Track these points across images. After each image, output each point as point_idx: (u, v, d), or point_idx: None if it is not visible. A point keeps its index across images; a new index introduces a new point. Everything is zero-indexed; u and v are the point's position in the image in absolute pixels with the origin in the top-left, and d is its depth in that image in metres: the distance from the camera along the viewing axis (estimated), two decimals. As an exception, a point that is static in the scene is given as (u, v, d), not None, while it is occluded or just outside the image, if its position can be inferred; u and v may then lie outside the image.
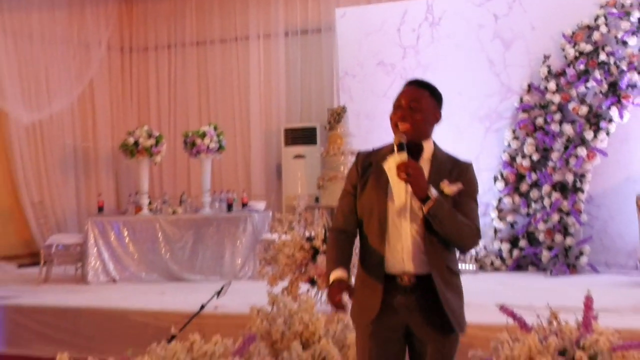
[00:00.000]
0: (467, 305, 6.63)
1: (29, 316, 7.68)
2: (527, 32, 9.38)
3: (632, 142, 8.86)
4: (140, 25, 12.82)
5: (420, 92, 3.24)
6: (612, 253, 8.85)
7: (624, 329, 5.37)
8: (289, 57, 11.76)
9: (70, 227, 11.34)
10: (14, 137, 11.16)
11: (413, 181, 3.00)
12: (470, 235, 3.13)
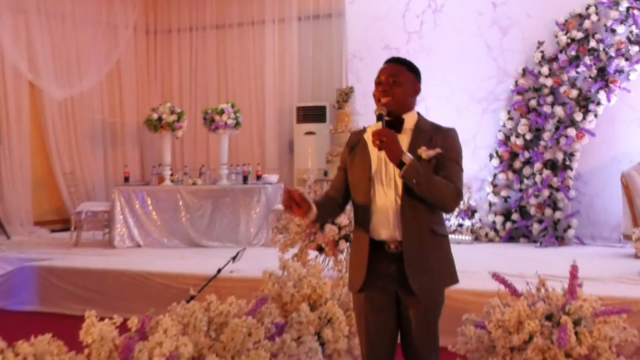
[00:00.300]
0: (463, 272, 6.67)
1: (60, 277, 7.75)
2: (523, 20, 9.32)
3: (618, 124, 8.84)
4: (164, 9, 12.79)
5: (399, 68, 3.23)
6: (597, 227, 8.88)
7: (607, 296, 5.42)
8: (302, 41, 11.71)
9: (99, 195, 11.39)
10: (47, 112, 11.18)
11: (386, 147, 2.98)
12: (449, 195, 3.08)
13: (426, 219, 3.11)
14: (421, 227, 3.11)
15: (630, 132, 8.82)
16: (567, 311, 4.47)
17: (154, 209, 9.22)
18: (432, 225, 3.15)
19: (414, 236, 3.09)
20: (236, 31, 12.20)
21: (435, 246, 3.17)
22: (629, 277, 6.40)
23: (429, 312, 3.22)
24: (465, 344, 4.67)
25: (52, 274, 7.81)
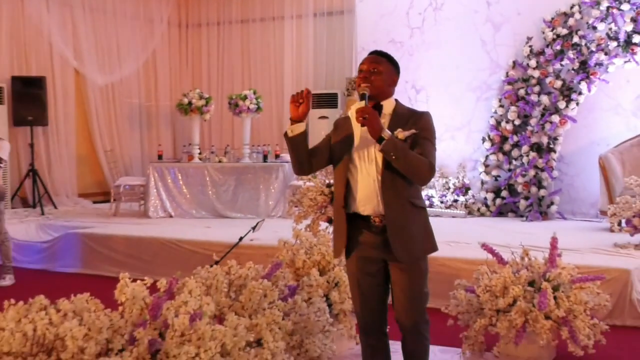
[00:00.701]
0: (456, 243, 6.73)
1: (100, 243, 7.84)
2: (514, 17, 9.23)
3: (597, 111, 8.78)
4: (194, 5, 12.76)
5: (380, 59, 3.22)
6: (577, 203, 8.86)
7: (583, 265, 5.43)
8: (317, 35, 11.67)
9: (135, 171, 11.44)
10: (91, 96, 11.22)
11: (368, 123, 2.98)
12: (424, 169, 3.07)
13: (405, 193, 3.12)
14: (401, 201, 3.12)
15: (608, 119, 8.78)
16: (548, 278, 4.48)
17: (184, 184, 9.26)
18: (411, 199, 3.16)
19: (395, 209, 3.10)
20: (259, 25, 12.17)
21: (415, 217, 3.18)
22: (604, 248, 6.41)
23: (413, 276, 3.20)
24: (457, 306, 4.70)
25: (93, 240, 7.90)
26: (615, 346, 4.67)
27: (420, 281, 3.25)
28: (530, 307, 4.33)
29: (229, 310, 3.83)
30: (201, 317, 3.48)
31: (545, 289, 4.34)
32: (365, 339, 3.39)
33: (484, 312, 4.50)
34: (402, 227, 3.12)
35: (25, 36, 10.42)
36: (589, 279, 4.59)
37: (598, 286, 4.63)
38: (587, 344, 4.29)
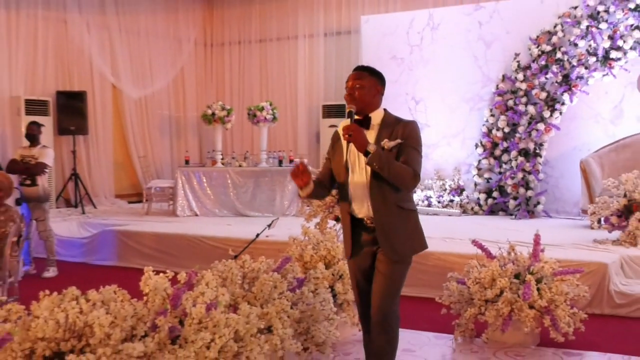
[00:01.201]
0: (451, 239, 6.67)
1: (133, 239, 7.86)
2: (503, 36, 9.17)
3: (578, 120, 8.71)
4: (218, 26, 12.78)
5: (362, 74, 3.15)
6: (561, 203, 8.76)
7: (565, 259, 5.39)
8: (327, 52, 11.66)
9: (165, 174, 11.47)
10: (126, 108, 11.27)
11: (353, 140, 2.95)
12: (407, 178, 3.01)
13: (392, 197, 3.06)
14: (388, 204, 3.06)
15: (588, 126, 8.69)
16: (531, 271, 4.45)
17: (208, 186, 9.25)
18: (399, 202, 3.09)
19: (382, 212, 3.06)
20: (275, 44, 12.16)
21: (402, 219, 3.12)
22: (585, 243, 6.34)
23: (394, 270, 3.14)
24: (450, 296, 4.68)
25: (127, 237, 7.92)
26: (594, 333, 4.61)
27: (401, 278, 3.18)
28: (516, 298, 4.29)
29: (243, 300, 3.80)
30: (216, 307, 3.46)
31: (529, 281, 4.30)
32: (364, 326, 3.34)
33: (473, 302, 4.47)
34: (390, 229, 3.08)
35: (69, 55, 10.48)
36: (569, 272, 4.55)
37: (578, 278, 4.59)
38: (567, 331, 4.26)
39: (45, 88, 10.11)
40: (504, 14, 9.21)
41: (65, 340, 3.01)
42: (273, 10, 12.09)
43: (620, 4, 8.15)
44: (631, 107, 8.42)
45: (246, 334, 3.47)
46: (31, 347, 2.95)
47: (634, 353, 4.30)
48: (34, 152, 7.30)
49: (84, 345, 3.00)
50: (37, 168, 7.17)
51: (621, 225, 6.32)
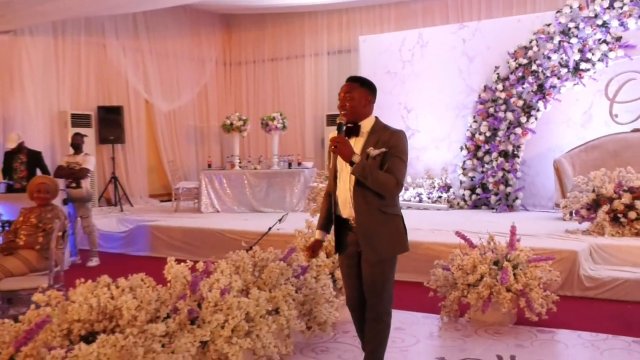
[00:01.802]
0: (439, 230, 6.61)
1: (164, 232, 7.88)
2: (484, 51, 9.09)
3: (552, 124, 8.61)
4: (235, 48, 12.75)
5: (352, 85, 2.99)
6: (537, 198, 8.66)
7: (540, 247, 5.34)
8: (330, 68, 11.59)
9: (191, 176, 11.46)
10: (157, 120, 11.29)
11: (339, 151, 2.84)
12: (389, 186, 2.87)
13: (375, 203, 2.91)
14: (371, 209, 2.92)
15: (561, 130, 8.60)
16: (509, 258, 4.41)
17: (228, 186, 9.24)
18: (381, 207, 2.93)
19: (364, 216, 2.93)
20: (285, 62, 12.12)
21: (384, 223, 2.96)
22: (558, 233, 6.27)
23: (378, 272, 2.99)
24: (436, 281, 4.64)
25: (158, 231, 7.94)
26: (565, 313, 4.56)
27: (385, 278, 3.01)
28: (495, 282, 4.25)
29: (253, 285, 3.79)
30: (230, 292, 3.45)
31: (507, 267, 4.26)
32: (351, 313, 3.25)
33: (457, 286, 4.43)
34: (370, 231, 2.93)
35: (107, 75, 10.52)
36: (542, 259, 4.50)
37: (550, 265, 4.53)
38: (540, 311, 4.22)
39: (88, 103, 10.15)
40: (485, 32, 9.16)
41: (98, 321, 3.02)
42: (283, 33, 12.05)
43: (589, 21, 8.07)
44: (599, 113, 8.34)
45: (256, 315, 3.46)
46: (68, 327, 2.96)
47: (601, 330, 4.24)
48: (78, 159, 7.37)
49: (114, 326, 3.01)
50: (81, 173, 7.25)
51: (590, 217, 6.27)
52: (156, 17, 11.03)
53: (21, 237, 4.69)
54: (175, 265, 3.54)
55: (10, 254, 4.60)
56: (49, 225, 4.71)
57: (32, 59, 9.38)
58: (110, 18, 10.38)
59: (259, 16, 12.11)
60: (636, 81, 8.03)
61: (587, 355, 3.81)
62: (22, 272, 4.52)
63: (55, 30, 9.70)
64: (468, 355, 3.79)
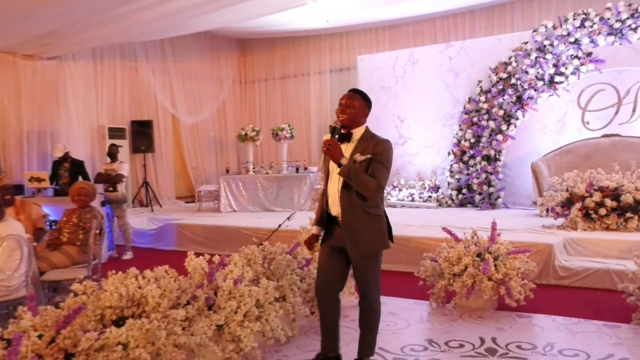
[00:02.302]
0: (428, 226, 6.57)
1: (188, 230, 7.90)
2: (468, 67, 9.05)
3: (530, 131, 8.54)
4: (249, 68, 12.73)
5: (355, 96, 2.97)
6: (517, 196, 8.58)
7: (518, 241, 5.30)
8: (332, 84, 11.51)
9: (212, 180, 11.43)
10: (182, 131, 11.27)
11: (329, 153, 2.81)
12: (371, 189, 2.82)
13: (359, 203, 2.87)
14: (355, 208, 2.88)
15: (537, 137, 8.53)
16: (490, 251, 4.38)
17: (243, 188, 9.23)
18: (364, 208, 2.88)
19: (349, 215, 2.89)
20: (292, 80, 12.07)
21: (367, 222, 2.90)
22: (535, 228, 6.23)
23: (365, 267, 2.95)
24: (425, 271, 4.61)
25: (183, 228, 7.96)
26: (542, 299, 4.53)
27: (371, 271, 2.95)
28: (477, 272, 4.22)
29: (263, 276, 3.79)
30: (242, 281, 3.45)
31: (488, 259, 4.23)
32: (317, 296, 3.15)
33: (444, 275, 4.40)
34: (354, 229, 2.87)
35: (139, 93, 10.54)
36: (520, 251, 4.46)
37: (527, 256, 4.50)
38: (519, 298, 4.18)
39: (123, 118, 10.19)
40: (469, 50, 9.12)
41: (127, 307, 3.03)
42: (290, 54, 12.03)
43: (562, 39, 8.01)
44: (572, 121, 8.26)
45: (265, 302, 3.47)
46: (101, 313, 2.98)
47: (574, 315, 4.20)
48: (114, 166, 7.45)
49: (141, 312, 3.02)
50: (117, 178, 7.34)
51: (564, 214, 6.22)
52: (181, 42, 11.06)
53: (64, 234, 4.74)
54: (194, 259, 3.56)
55: (55, 249, 4.65)
56: (87, 224, 4.75)
57: (75, 81, 9.44)
58: (141, 44, 10.44)
59: (270, 40, 12.11)
60: (605, 92, 7.96)
61: (561, 337, 3.77)
62: (65, 265, 4.56)
63: (94, 55, 9.77)
64: (454, 337, 3.77)
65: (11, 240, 3.52)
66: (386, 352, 3.51)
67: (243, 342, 3.21)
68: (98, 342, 2.59)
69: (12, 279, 3.57)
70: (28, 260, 3.64)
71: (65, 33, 7.82)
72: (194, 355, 3.01)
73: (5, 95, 8.50)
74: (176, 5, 7.07)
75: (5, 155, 8.45)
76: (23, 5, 6.45)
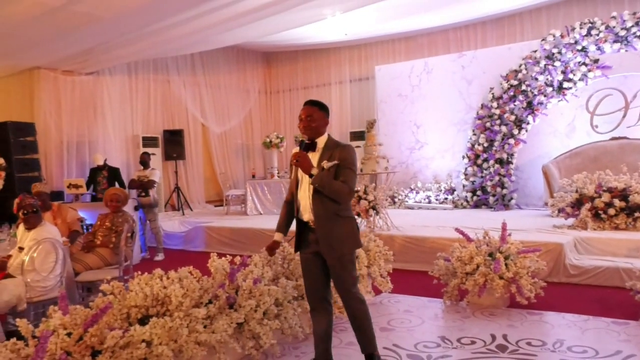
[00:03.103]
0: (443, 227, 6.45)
1: (217, 232, 7.88)
2: (480, 75, 8.90)
3: (540, 135, 8.34)
4: (274, 79, 12.79)
5: (312, 108, 2.85)
6: (529, 198, 8.39)
7: (529, 241, 5.15)
8: (352, 94, 11.49)
9: (239, 185, 11.49)
10: (211, 139, 11.35)
11: (300, 165, 2.75)
12: (343, 194, 2.75)
13: (331, 207, 2.77)
14: (328, 213, 2.78)
15: (548, 140, 8.32)
16: (501, 250, 4.26)
17: (268, 192, 9.24)
18: (337, 212, 2.79)
19: (322, 218, 2.79)
20: (315, 89, 12.05)
21: (340, 224, 2.81)
22: (546, 228, 6.07)
23: (340, 267, 2.84)
24: (439, 270, 4.50)
25: (212, 230, 7.95)
26: (552, 297, 4.39)
27: (347, 270, 2.85)
28: (489, 271, 4.11)
29: (282, 275, 3.75)
30: (261, 281, 3.41)
31: (499, 258, 4.12)
32: (309, 304, 3.01)
33: (457, 274, 4.30)
34: (328, 232, 2.78)
35: (171, 104, 10.66)
36: (530, 250, 4.33)
37: (537, 256, 4.36)
38: (529, 296, 4.07)
39: (156, 128, 10.31)
40: (481, 59, 8.97)
41: (152, 306, 3.02)
42: (312, 65, 12.03)
43: (570, 47, 7.82)
44: (581, 124, 8.06)
45: (284, 300, 3.42)
46: (127, 312, 2.97)
47: (583, 312, 4.05)
48: (146, 173, 7.50)
49: (165, 310, 3.00)
50: (148, 184, 7.37)
51: (574, 214, 6.04)
52: (210, 56, 11.15)
53: (98, 237, 4.78)
54: (216, 260, 3.54)
55: (89, 251, 4.68)
56: (119, 227, 4.77)
57: (111, 94, 9.60)
58: (173, 58, 10.56)
59: (293, 52, 12.12)
60: (613, 97, 7.75)
61: (570, 334, 3.63)
62: (99, 266, 4.59)
63: (129, 70, 9.92)
64: (466, 334, 3.66)
65: (47, 243, 3.55)
66: (400, 349, 3.42)
67: (262, 339, 3.16)
68: (123, 339, 2.58)
69: (48, 280, 3.60)
70: (63, 262, 3.67)
71: (102, 50, 7.96)
72: (215, 352, 2.97)
73: (47, 108, 8.68)
74: (205, 22, 7.13)
75: (47, 163, 8.61)
76: (64, 26, 6.58)
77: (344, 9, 8.00)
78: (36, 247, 3.55)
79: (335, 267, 2.86)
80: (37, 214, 3.72)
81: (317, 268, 2.92)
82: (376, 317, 4.03)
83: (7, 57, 7.93)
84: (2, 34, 6.69)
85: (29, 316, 3.50)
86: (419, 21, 9.38)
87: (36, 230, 3.71)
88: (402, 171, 9.52)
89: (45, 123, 8.62)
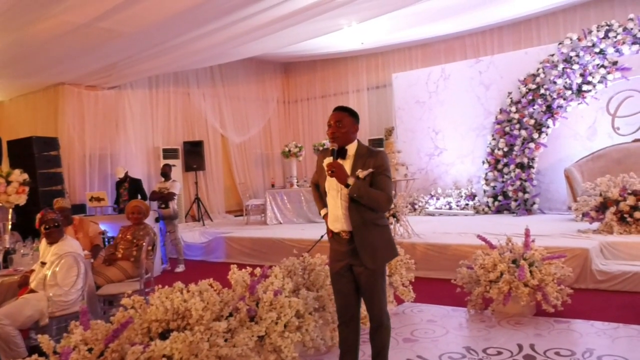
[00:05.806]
0: (465, 234, 6.30)
1: (237, 242, 7.83)
2: (498, 80, 8.74)
3: (561, 139, 8.14)
4: (292, 88, 12.79)
5: (342, 114, 2.71)
6: (552, 202, 8.16)
7: (554, 246, 4.99)
8: (370, 101, 11.40)
9: (259, 195, 11.44)
10: (231, 149, 11.36)
11: (335, 176, 2.61)
12: (382, 202, 2.62)
13: (369, 217, 2.66)
14: (366, 222, 2.66)
15: (569, 143, 8.11)
16: (525, 257, 4.12)
17: (288, 202, 9.17)
18: (375, 221, 2.68)
19: (361, 229, 2.66)
20: (332, 98, 12.00)
21: (378, 234, 2.70)
22: (570, 233, 5.87)
23: (372, 276, 2.71)
24: (462, 278, 4.38)
25: (232, 241, 7.90)
26: (580, 304, 4.22)
27: (378, 284, 2.72)
28: (513, 278, 3.97)
29: (303, 286, 3.67)
30: (282, 292, 3.33)
31: (523, 265, 3.98)
32: (339, 319, 2.87)
33: (480, 282, 4.16)
34: (368, 242, 2.66)
35: (191, 116, 10.72)
36: (555, 257, 4.18)
37: (562, 262, 4.20)
38: (556, 303, 3.91)
39: (176, 139, 10.37)
40: (498, 64, 8.82)
41: (173, 320, 2.97)
42: (330, 74, 12.00)
43: (587, 50, 7.63)
44: (602, 127, 7.84)
45: (305, 312, 3.33)
46: (148, 326, 2.92)
47: (613, 319, 3.88)
48: (167, 184, 7.50)
49: (185, 324, 2.95)
50: (169, 196, 7.37)
51: (599, 218, 5.83)
52: (229, 68, 11.20)
53: (120, 250, 4.76)
54: (237, 272, 3.48)
55: (110, 264, 4.66)
56: (140, 240, 4.76)
57: (133, 107, 9.70)
58: (192, 72, 10.64)
59: (311, 62, 12.12)
60: (634, 98, 7.54)
61: (600, 343, 3.46)
62: (120, 279, 4.57)
63: (150, 83, 10.02)
64: (492, 345, 3.52)
65: (69, 257, 3.54)
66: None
67: (284, 352, 3.08)
68: (144, 354, 2.53)
69: (70, 294, 3.59)
70: (84, 276, 3.65)
71: (124, 65, 8.05)
72: (236, 365, 2.90)
73: (70, 122, 8.79)
74: (225, 35, 7.16)
75: (69, 177, 8.70)
76: (89, 42, 6.66)
77: (359, 19, 7.97)
78: (58, 262, 3.55)
79: (368, 281, 2.71)
80: (59, 229, 3.72)
81: (350, 284, 2.78)
82: (399, 328, 3.94)
83: (34, 74, 8.08)
84: (30, 52, 6.82)
85: (52, 331, 3.48)
86: (435, 28, 9.28)
87: (58, 244, 3.70)
88: (422, 178, 9.38)
89: (68, 137, 8.73)
